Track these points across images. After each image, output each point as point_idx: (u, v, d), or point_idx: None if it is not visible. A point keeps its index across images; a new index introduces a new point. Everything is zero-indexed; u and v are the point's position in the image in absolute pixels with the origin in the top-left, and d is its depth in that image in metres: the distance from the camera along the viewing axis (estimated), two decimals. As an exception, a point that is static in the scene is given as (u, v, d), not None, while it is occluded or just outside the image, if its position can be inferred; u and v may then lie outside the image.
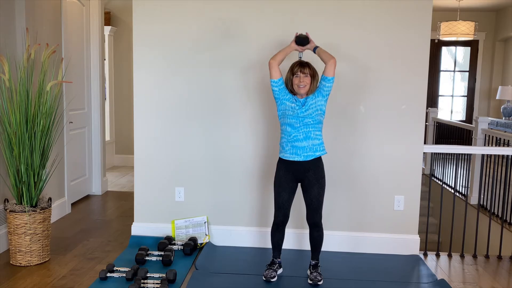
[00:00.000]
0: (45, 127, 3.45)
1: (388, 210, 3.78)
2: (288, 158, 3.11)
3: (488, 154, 4.97)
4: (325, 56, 3.14)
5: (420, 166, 3.74)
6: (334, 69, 3.10)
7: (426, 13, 3.59)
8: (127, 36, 7.27)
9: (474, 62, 9.30)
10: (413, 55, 3.64)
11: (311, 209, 3.17)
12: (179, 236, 3.86)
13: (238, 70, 3.75)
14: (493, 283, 3.35)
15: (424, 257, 3.81)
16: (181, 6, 3.73)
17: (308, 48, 3.23)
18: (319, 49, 3.19)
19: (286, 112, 3.11)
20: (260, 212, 3.86)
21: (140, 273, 3.11)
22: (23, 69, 3.43)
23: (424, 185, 6.33)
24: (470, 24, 7.32)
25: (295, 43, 3.21)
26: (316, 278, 3.16)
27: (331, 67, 3.09)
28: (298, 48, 3.23)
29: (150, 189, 3.92)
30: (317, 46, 3.21)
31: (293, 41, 3.22)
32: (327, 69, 3.10)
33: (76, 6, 5.02)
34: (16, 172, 3.40)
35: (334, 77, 3.13)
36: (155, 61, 3.80)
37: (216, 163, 3.85)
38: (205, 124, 3.82)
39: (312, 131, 3.09)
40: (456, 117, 9.55)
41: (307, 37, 3.20)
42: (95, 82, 5.45)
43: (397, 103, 3.69)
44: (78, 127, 5.08)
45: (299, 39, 3.20)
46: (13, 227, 3.37)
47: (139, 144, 3.88)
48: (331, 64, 3.09)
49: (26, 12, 3.88)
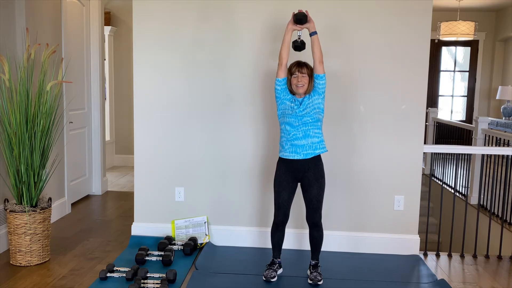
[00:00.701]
0: (45, 127, 3.45)
1: (388, 210, 3.78)
2: (287, 156, 3.12)
3: (488, 154, 4.97)
4: (317, 48, 3.09)
5: (420, 166, 3.74)
6: (323, 65, 3.12)
7: (426, 13, 3.59)
8: (127, 36, 7.27)
9: (474, 62, 9.30)
10: (413, 55, 3.64)
11: (311, 209, 3.17)
12: (179, 236, 3.86)
13: (239, 70, 3.75)
14: (493, 283, 3.35)
15: (424, 257, 3.81)
16: (181, 6, 3.73)
17: (307, 27, 3.13)
18: (316, 37, 3.12)
19: (286, 112, 3.13)
20: (260, 212, 3.86)
21: (140, 273, 3.11)
22: (23, 69, 3.43)
23: (424, 185, 6.32)
24: (470, 24, 7.32)
25: (293, 22, 3.12)
26: (316, 278, 3.16)
27: (320, 65, 3.10)
28: (296, 27, 3.13)
29: (150, 189, 3.92)
30: (316, 32, 3.13)
31: (290, 21, 3.13)
32: (317, 68, 3.11)
33: (76, 6, 5.03)
34: (16, 172, 3.40)
35: (325, 73, 3.14)
36: (155, 61, 3.80)
37: (216, 163, 3.85)
38: (205, 124, 3.82)
39: (311, 129, 3.09)
40: (456, 117, 9.55)
41: (306, 14, 3.10)
42: (95, 82, 5.45)
43: (397, 103, 3.69)
44: (78, 127, 5.08)
45: (297, 17, 3.09)
46: (13, 227, 3.37)
47: (139, 144, 3.88)
48: (320, 62, 3.09)
49: (26, 12, 3.88)
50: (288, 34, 3.13)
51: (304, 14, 3.10)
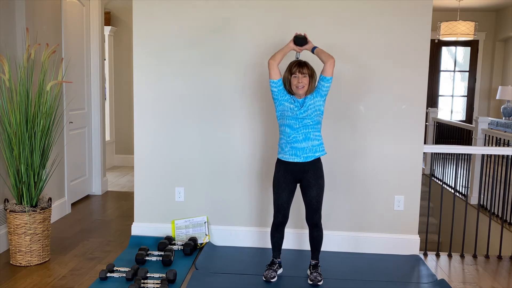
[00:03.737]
0: (45, 127, 3.45)
1: (388, 210, 3.78)
2: (287, 159, 3.11)
3: (488, 154, 4.97)
4: (324, 56, 3.12)
5: (420, 166, 3.74)
6: (333, 69, 3.09)
7: (426, 13, 3.59)
8: (127, 36, 7.26)
9: (474, 62, 9.30)
10: (413, 55, 3.64)
11: (311, 210, 3.17)
12: (179, 236, 3.86)
13: (238, 70, 3.75)
14: (493, 283, 3.35)
15: (424, 257, 3.81)
16: (181, 6, 3.73)
17: (306, 48, 3.21)
18: (318, 49, 3.16)
19: (285, 113, 3.10)
20: (260, 212, 3.86)
21: (140, 273, 3.11)
22: (23, 69, 3.43)
23: (424, 185, 6.32)
24: (470, 24, 7.32)
25: (293, 43, 3.19)
26: (316, 278, 3.16)
27: (330, 67, 3.08)
28: (296, 48, 3.21)
29: (150, 189, 3.92)
30: (315, 46, 3.19)
31: (291, 40, 3.20)
32: (326, 69, 3.09)
33: (76, 6, 5.02)
34: (16, 172, 3.40)
35: (332, 77, 3.13)
36: (155, 61, 3.80)
37: (216, 163, 3.85)
38: (205, 124, 3.82)
39: (311, 131, 3.08)
40: (456, 117, 9.55)
41: (305, 37, 3.19)
42: (95, 82, 5.45)
43: (397, 103, 3.69)
44: (78, 127, 5.08)
45: (297, 39, 3.18)
46: (13, 227, 3.37)
47: (139, 144, 3.88)
48: (331, 64, 3.07)
49: (26, 12, 3.88)
50: (287, 49, 3.19)
51: (304, 37, 3.19)
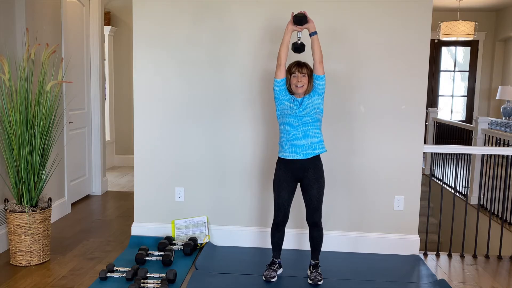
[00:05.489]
0: (45, 127, 3.45)
1: (388, 210, 3.78)
2: (287, 157, 3.12)
3: (488, 154, 4.97)
4: (317, 48, 3.09)
5: (420, 166, 3.74)
6: (323, 66, 3.12)
7: (426, 13, 3.59)
8: (127, 36, 7.27)
9: (474, 62, 9.30)
10: (413, 55, 3.64)
11: (311, 209, 3.17)
12: (179, 236, 3.86)
13: (238, 70, 3.75)
14: (493, 283, 3.35)
15: (424, 257, 3.81)
16: (181, 6, 3.73)
17: (307, 27, 3.12)
18: (316, 37, 3.11)
19: (285, 112, 3.12)
20: (260, 212, 3.86)
21: (140, 273, 3.11)
22: (23, 69, 3.43)
23: (424, 185, 6.32)
24: (470, 24, 7.32)
25: (293, 23, 3.12)
26: (316, 278, 3.16)
27: (320, 65, 3.10)
28: (296, 28, 3.13)
29: (150, 189, 3.92)
30: (316, 32, 3.12)
31: (289, 22, 3.13)
32: (317, 68, 3.10)
33: (76, 6, 5.02)
34: (16, 172, 3.40)
35: (325, 74, 3.15)
36: (155, 61, 3.80)
37: (216, 163, 3.85)
38: (205, 124, 3.82)
39: (311, 129, 3.09)
40: (456, 117, 9.55)
41: (305, 15, 3.10)
42: (95, 82, 5.45)
43: (397, 103, 3.69)
44: (78, 127, 5.08)
45: (296, 18, 3.09)
46: (13, 227, 3.37)
47: (139, 144, 3.88)
48: (321, 62, 3.09)
49: (26, 12, 3.88)
50: (288, 35, 3.13)
51: (303, 15, 3.09)
